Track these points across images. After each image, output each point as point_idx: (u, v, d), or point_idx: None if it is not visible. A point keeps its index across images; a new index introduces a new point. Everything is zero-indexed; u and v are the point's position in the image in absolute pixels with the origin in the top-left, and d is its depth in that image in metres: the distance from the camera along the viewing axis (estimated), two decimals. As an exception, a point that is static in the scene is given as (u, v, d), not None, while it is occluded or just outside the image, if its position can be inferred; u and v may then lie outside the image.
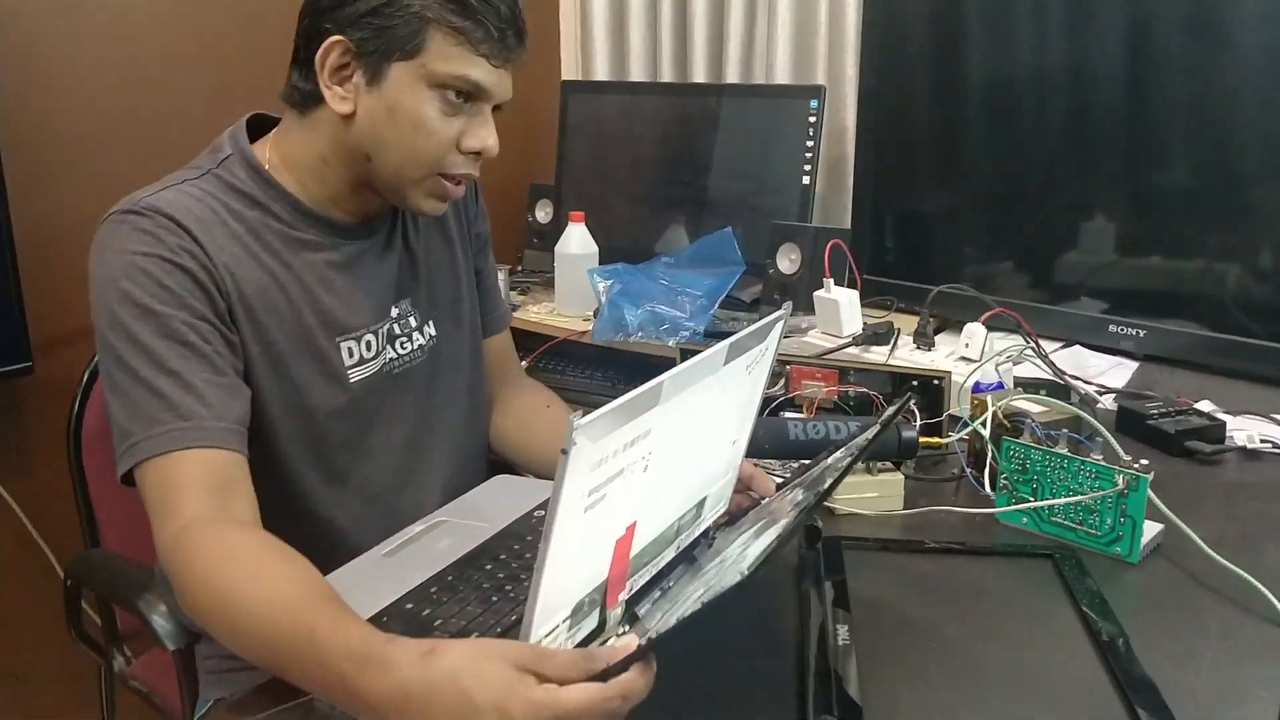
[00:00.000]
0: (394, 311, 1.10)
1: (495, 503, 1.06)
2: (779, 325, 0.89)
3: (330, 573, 0.94)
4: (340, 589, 0.89)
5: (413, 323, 1.12)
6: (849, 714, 0.72)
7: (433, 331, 1.14)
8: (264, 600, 0.76)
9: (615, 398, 0.66)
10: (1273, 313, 1.43)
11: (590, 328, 1.79)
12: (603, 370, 1.83)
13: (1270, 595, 0.85)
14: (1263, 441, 1.18)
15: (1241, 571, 0.88)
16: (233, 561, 0.80)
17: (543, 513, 1.01)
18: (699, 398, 0.80)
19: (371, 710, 0.67)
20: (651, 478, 0.77)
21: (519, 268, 2.22)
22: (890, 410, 0.88)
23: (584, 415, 0.64)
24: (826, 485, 0.82)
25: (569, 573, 0.71)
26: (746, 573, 0.72)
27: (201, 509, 0.84)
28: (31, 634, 1.70)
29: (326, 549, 1.04)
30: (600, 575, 0.76)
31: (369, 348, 1.06)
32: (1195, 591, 0.90)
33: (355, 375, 1.05)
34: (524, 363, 1.94)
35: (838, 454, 0.91)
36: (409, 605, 0.86)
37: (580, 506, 0.68)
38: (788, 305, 0.89)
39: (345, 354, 1.04)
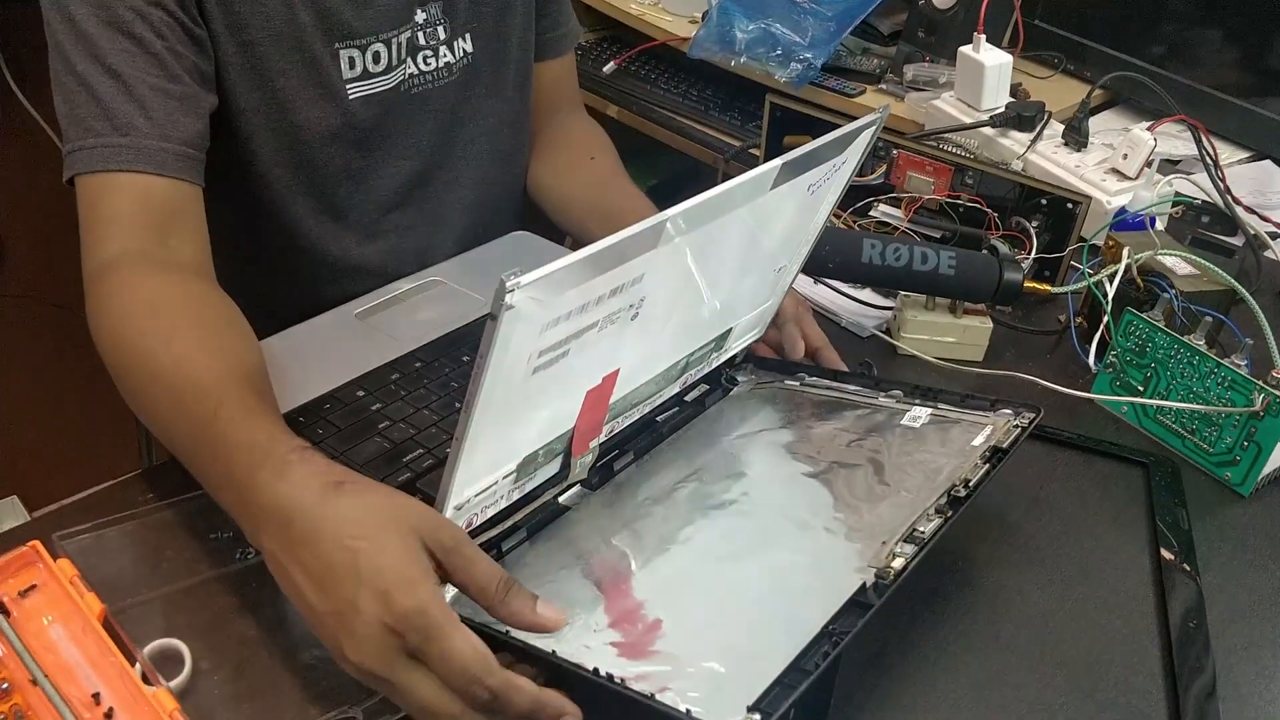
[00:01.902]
0: (420, 17, 0.88)
1: (503, 267, 0.91)
2: (865, 135, 0.68)
3: (295, 325, 0.83)
4: (291, 352, 0.79)
5: (441, 34, 0.90)
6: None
7: (468, 47, 0.93)
8: (170, 369, 0.63)
9: (705, 125, 0.50)
10: None
11: (693, 35, 1.53)
12: (699, 89, 1.59)
13: (1405, 585, 0.68)
14: None
15: (1378, 545, 0.70)
16: (147, 317, 0.67)
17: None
18: (726, 228, 0.62)
19: (251, 520, 0.56)
20: (642, 323, 0.61)
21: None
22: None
23: (521, 273, 0.48)
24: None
25: (509, 434, 0.57)
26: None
27: (130, 244, 0.71)
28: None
29: (319, 284, 0.92)
30: (562, 426, 0.62)
31: (377, 59, 0.86)
32: (1310, 554, 0.72)
33: (355, 92, 0.86)
34: (613, 63, 1.71)
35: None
36: (360, 393, 0.74)
37: (522, 372, 0.53)
38: (884, 109, 0.68)
39: (345, 64, 0.84)
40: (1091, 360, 0.85)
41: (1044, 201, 0.95)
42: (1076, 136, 1.10)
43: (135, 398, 0.66)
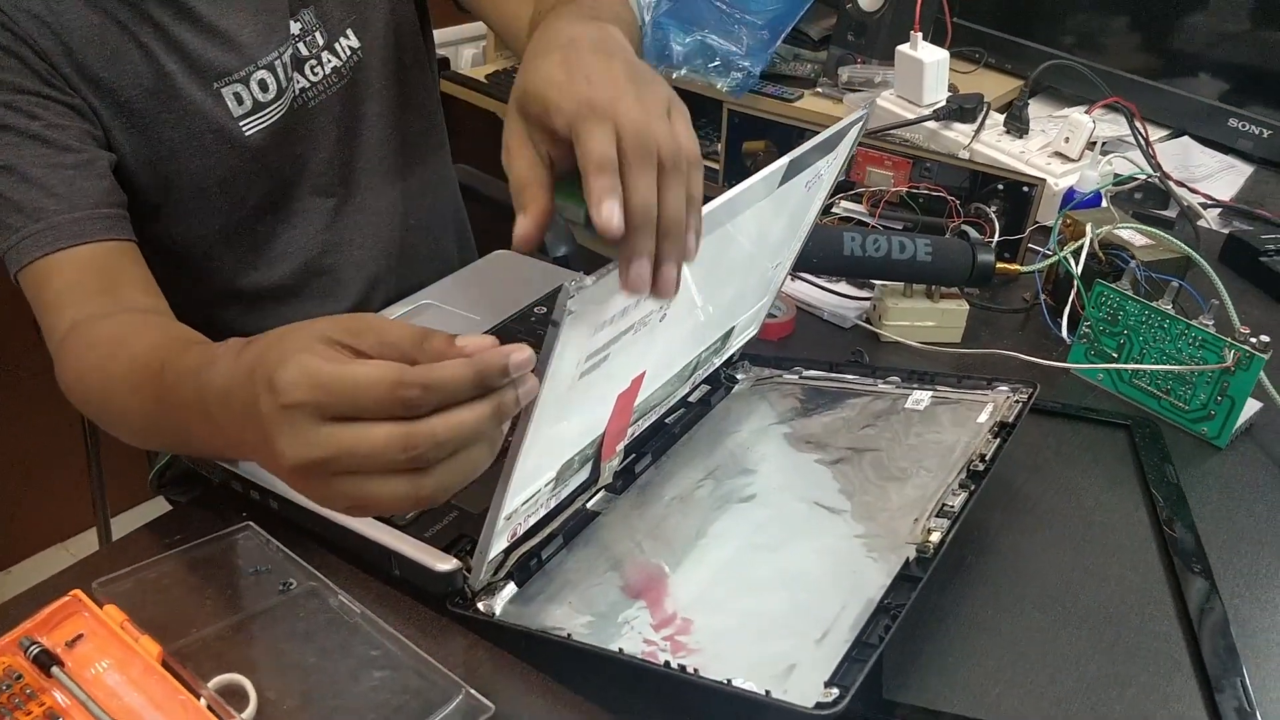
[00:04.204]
0: (295, 28, 0.84)
1: (490, 286, 0.92)
2: (853, 133, 0.71)
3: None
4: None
5: (321, 40, 0.86)
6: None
7: (352, 44, 0.88)
8: (126, 366, 0.64)
9: None
10: None
11: (631, 50, 1.56)
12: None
13: (1379, 516, 0.73)
14: (1391, 300, 1.01)
15: (1349, 481, 0.75)
16: (103, 345, 0.68)
17: (543, 309, 0.88)
18: (741, 227, 0.64)
19: (223, 432, 0.53)
20: (669, 324, 0.63)
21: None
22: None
23: (582, 279, 0.49)
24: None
25: (554, 440, 0.58)
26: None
27: (81, 313, 0.70)
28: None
29: (269, 319, 0.91)
30: (595, 430, 0.64)
31: (265, 87, 0.82)
32: (1289, 496, 0.77)
33: (251, 126, 0.82)
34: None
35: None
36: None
37: (570, 376, 0.55)
38: (870, 106, 0.71)
39: (232, 102, 0.81)
40: (1064, 332, 0.90)
41: (1000, 186, 1.00)
42: (1018, 124, 1.15)
43: (113, 416, 0.67)
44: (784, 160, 0.63)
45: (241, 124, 0.82)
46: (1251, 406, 0.82)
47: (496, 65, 1.81)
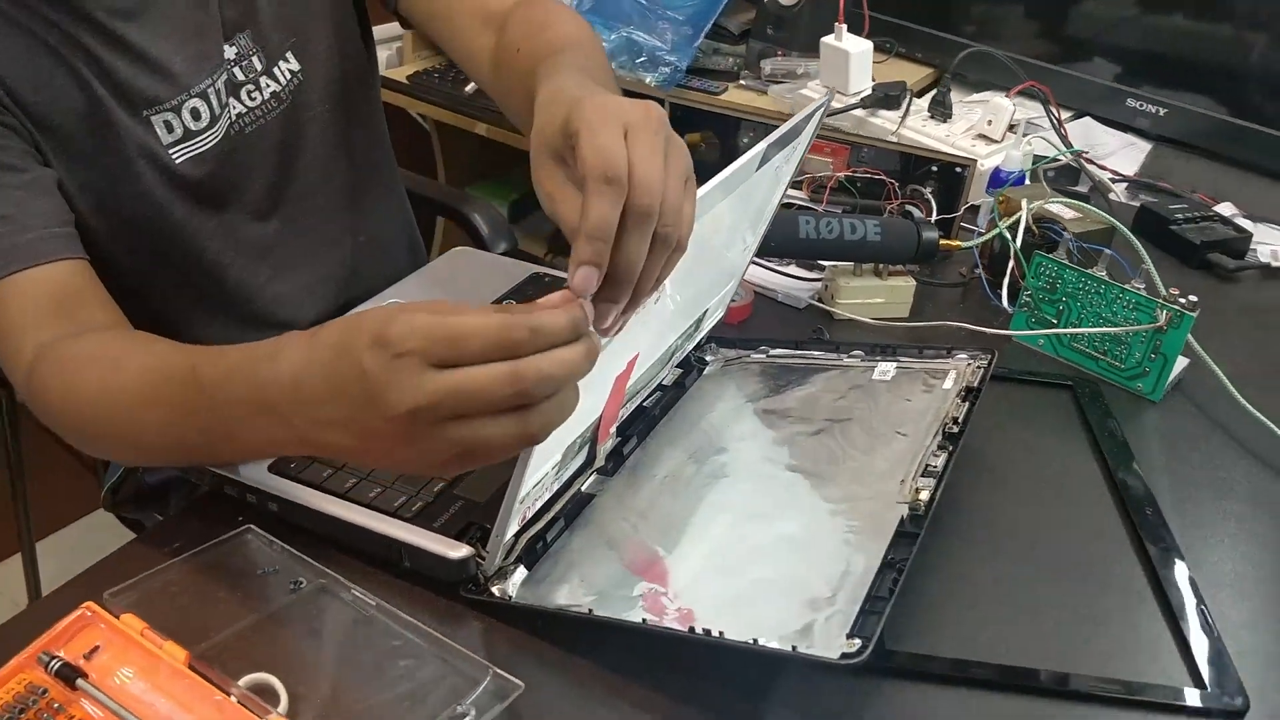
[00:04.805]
0: (230, 53, 0.82)
1: (454, 282, 0.93)
2: (815, 120, 0.74)
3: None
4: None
5: (259, 64, 0.84)
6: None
7: (293, 67, 0.86)
8: (135, 379, 0.64)
9: None
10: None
11: (552, 49, 1.58)
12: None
13: (1301, 455, 0.79)
14: (1288, 260, 1.09)
15: (1272, 425, 0.82)
16: (91, 363, 0.67)
17: (511, 302, 0.89)
18: (715, 215, 0.67)
19: (286, 426, 0.54)
20: (658, 309, 0.65)
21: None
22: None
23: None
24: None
25: (566, 425, 0.60)
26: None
27: (44, 336, 0.69)
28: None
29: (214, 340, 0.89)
30: (594, 413, 0.66)
31: (197, 116, 0.80)
32: (1220, 440, 0.83)
33: (181, 154, 0.80)
34: (472, 83, 1.72)
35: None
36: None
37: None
38: (829, 95, 0.74)
39: (162, 130, 0.79)
40: (1005, 302, 0.95)
41: (935, 168, 1.05)
42: (942, 109, 1.21)
43: (116, 432, 0.66)
44: (761, 145, 0.66)
45: (171, 152, 0.80)
46: (1180, 363, 0.88)
47: (415, 66, 1.81)
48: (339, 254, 0.96)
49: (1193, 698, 0.60)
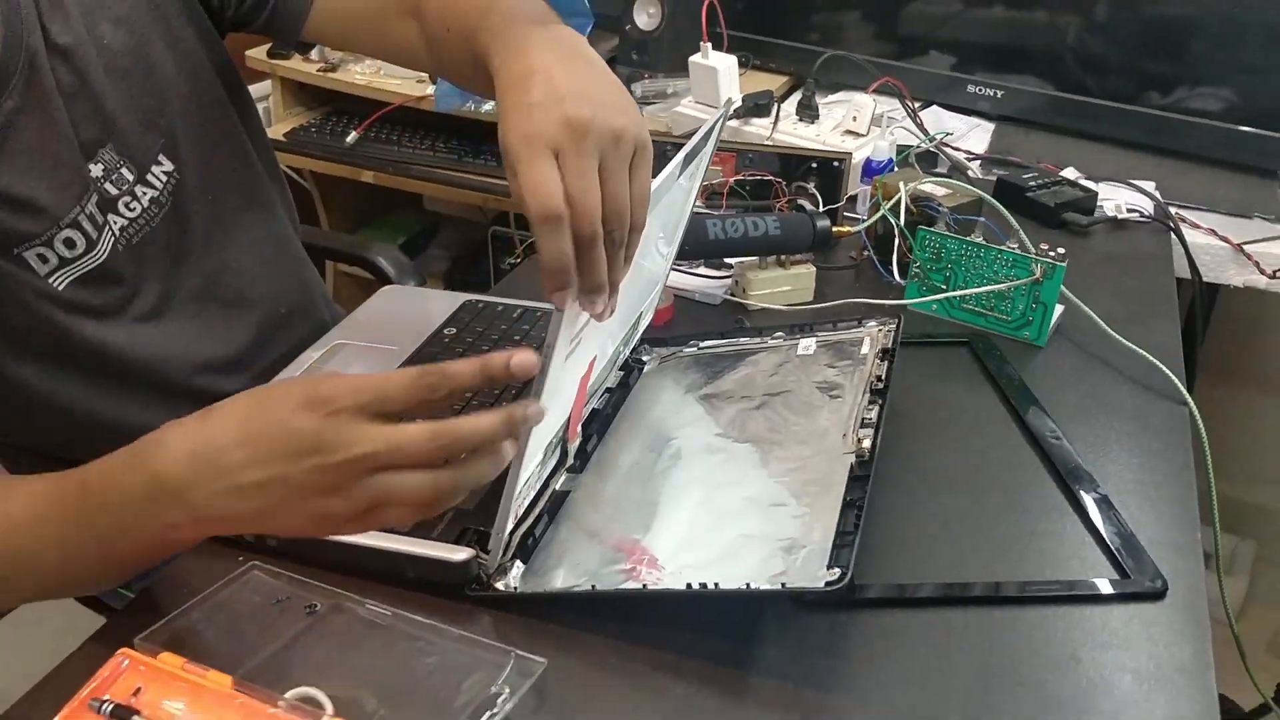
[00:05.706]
0: (96, 170, 0.79)
1: (392, 318, 0.97)
2: (719, 125, 0.82)
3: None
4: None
5: (130, 175, 0.81)
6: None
7: (167, 167, 0.84)
8: (22, 510, 0.63)
9: (465, 171, 0.60)
10: (1108, 69, 1.46)
11: (428, 92, 1.63)
12: (444, 140, 1.69)
13: (1170, 373, 0.91)
14: (1129, 211, 1.23)
15: (1143, 352, 0.93)
16: None
17: (453, 330, 0.94)
18: (655, 218, 0.74)
19: (174, 503, 0.56)
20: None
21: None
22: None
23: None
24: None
25: (545, 421, 0.66)
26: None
27: None
28: None
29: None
30: (564, 414, 0.71)
31: (71, 245, 0.78)
32: (1102, 372, 0.94)
33: (62, 279, 0.79)
34: (354, 133, 1.76)
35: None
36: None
37: (563, 357, 0.62)
38: (730, 102, 0.82)
39: (36, 262, 0.77)
40: (895, 276, 1.05)
41: (814, 165, 1.15)
42: (809, 111, 1.31)
43: (23, 567, 0.64)
44: (679, 156, 0.73)
45: (51, 279, 0.78)
46: (1057, 311, 0.99)
47: (289, 124, 1.83)
48: (259, 335, 0.95)
49: (1117, 586, 0.70)
